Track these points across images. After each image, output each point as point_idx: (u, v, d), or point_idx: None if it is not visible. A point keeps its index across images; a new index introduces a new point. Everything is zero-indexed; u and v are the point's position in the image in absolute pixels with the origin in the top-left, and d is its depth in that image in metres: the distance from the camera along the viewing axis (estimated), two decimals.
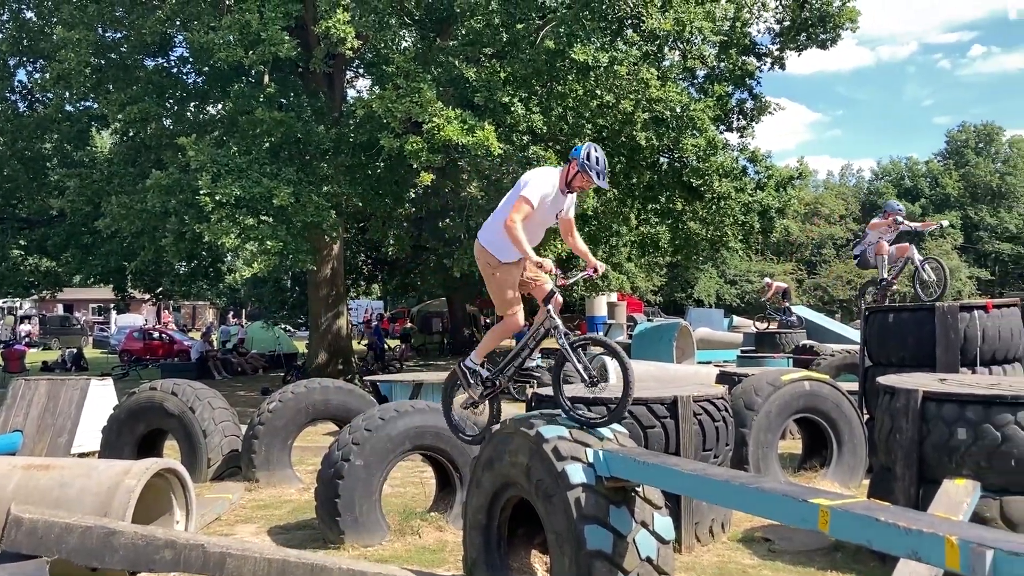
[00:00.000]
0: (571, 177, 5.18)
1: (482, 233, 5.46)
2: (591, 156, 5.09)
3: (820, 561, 6.15)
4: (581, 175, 5.13)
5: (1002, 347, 8.72)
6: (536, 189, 5.10)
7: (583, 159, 5.08)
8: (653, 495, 4.63)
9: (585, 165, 5.08)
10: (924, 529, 2.91)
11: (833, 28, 17.66)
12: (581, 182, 5.19)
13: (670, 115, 14.86)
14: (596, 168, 5.10)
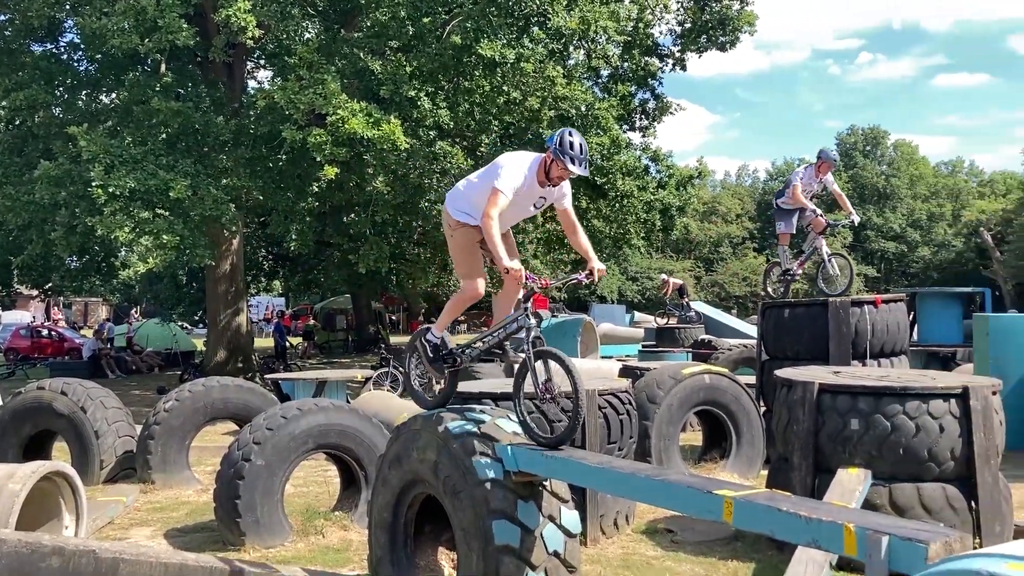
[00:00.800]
0: (548, 167, 4.80)
1: (448, 194, 5.24)
2: (564, 142, 4.66)
3: (721, 551, 6.29)
4: (556, 164, 4.72)
5: (890, 340, 9.12)
6: (509, 179, 4.77)
7: (555, 146, 4.68)
8: (560, 489, 4.65)
9: (558, 152, 4.67)
10: (823, 518, 2.99)
11: (732, 31, 18.16)
12: (559, 172, 4.77)
13: (575, 113, 15.02)
14: (571, 154, 4.67)
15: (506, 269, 4.57)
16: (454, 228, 5.09)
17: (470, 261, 5.12)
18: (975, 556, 2.38)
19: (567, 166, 4.67)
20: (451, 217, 5.08)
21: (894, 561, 2.72)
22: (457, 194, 5.15)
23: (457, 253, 5.18)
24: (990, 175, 73.83)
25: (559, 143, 4.67)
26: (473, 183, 5.07)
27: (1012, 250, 46.48)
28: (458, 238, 5.09)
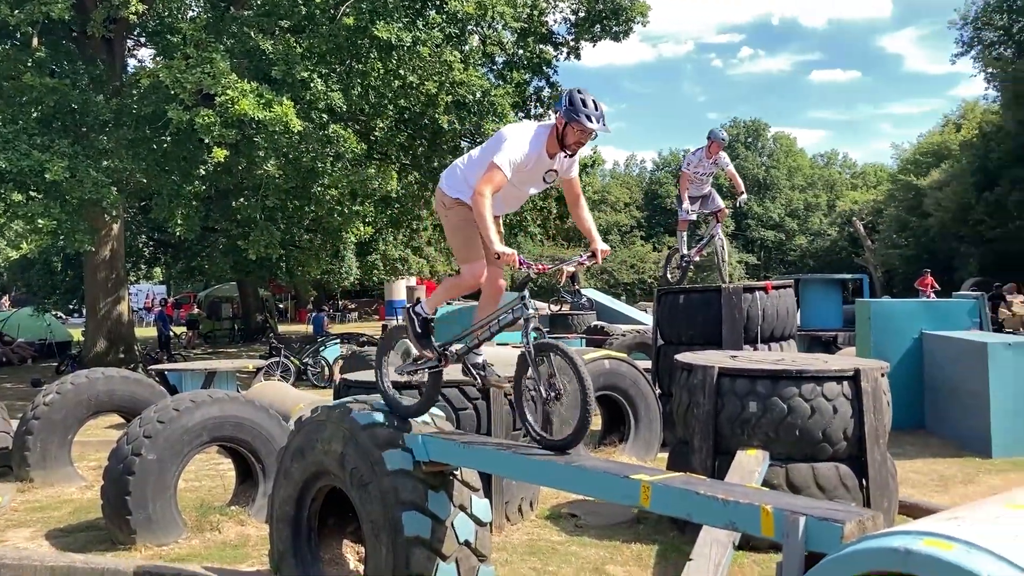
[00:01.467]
0: (561, 134, 4.28)
1: (444, 173, 4.81)
2: (575, 100, 4.15)
3: (624, 534, 6.38)
4: (572, 128, 4.19)
5: (779, 325, 9.43)
6: (509, 153, 4.25)
7: (566, 107, 4.16)
8: (471, 478, 4.60)
9: (571, 114, 4.14)
10: (740, 500, 3.03)
11: (625, 21, 18.36)
12: (576, 136, 4.24)
13: (472, 99, 14.92)
14: (586, 111, 4.14)
15: (497, 254, 4.11)
16: (449, 207, 4.63)
17: (469, 244, 4.59)
18: (891, 534, 2.44)
19: (585, 124, 4.15)
20: (445, 195, 4.64)
21: (810, 541, 2.77)
22: (454, 172, 4.70)
23: (453, 235, 4.71)
24: (862, 167, 77.38)
25: (569, 103, 4.16)
26: (472, 159, 4.63)
27: (882, 239, 48.85)
28: (453, 218, 4.63)
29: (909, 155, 54.64)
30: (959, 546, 2.21)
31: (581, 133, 4.21)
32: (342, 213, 17.23)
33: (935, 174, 44.19)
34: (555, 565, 5.67)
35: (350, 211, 17.00)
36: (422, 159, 16.62)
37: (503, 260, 4.12)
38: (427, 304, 4.84)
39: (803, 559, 2.75)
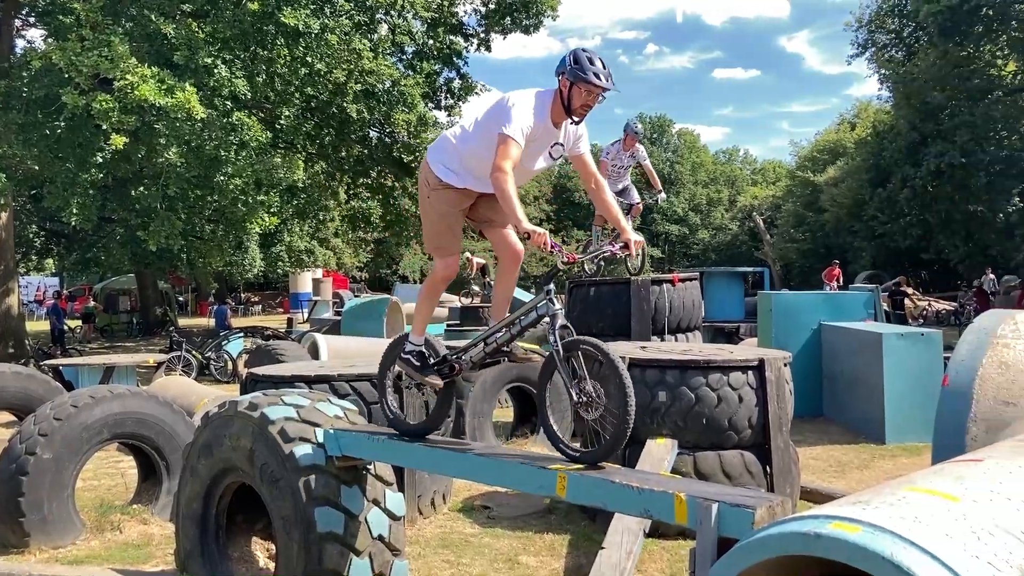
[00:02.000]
0: (568, 98, 3.83)
1: (432, 147, 4.32)
2: (580, 58, 3.76)
3: (536, 524, 6.41)
4: (579, 89, 3.78)
5: (686, 317, 9.65)
6: (521, 122, 3.78)
7: (571, 66, 3.75)
8: (385, 472, 4.55)
9: (577, 72, 3.73)
10: (655, 488, 3.08)
11: (535, 15, 18.46)
12: (584, 98, 3.82)
13: (381, 89, 14.77)
14: (593, 68, 3.74)
15: (527, 232, 3.63)
16: (433, 188, 4.15)
17: (449, 233, 4.21)
18: (800, 518, 2.51)
19: (594, 82, 3.74)
20: (433, 174, 4.15)
21: (723, 527, 2.83)
22: (444, 147, 4.20)
23: (433, 221, 4.24)
24: (762, 164, 79.70)
25: (574, 61, 3.76)
26: (466, 133, 4.11)
27: (780, 233, 50.50)
28: (436, 201, 4.16)
29: (806, 152, 56.59)
30: (864, 528, 2.29)
31: (588, 94, 3.81)
32: (246, 203, 16.83)
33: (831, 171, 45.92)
34: (468, 557, 5.67)
35: (254, 201, 16.62)
36: (329, 148, 16.38)
37: (533, 241, 3.63)
38: (414, 332, 4.42)
39: (716, 544, 2.81)
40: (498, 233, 4.26)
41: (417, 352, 4.33)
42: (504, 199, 3.72)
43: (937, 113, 28.72)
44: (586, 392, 3.58)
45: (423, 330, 4.42)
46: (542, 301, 3.84)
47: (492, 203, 4.14)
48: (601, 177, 4.22)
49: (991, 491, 2.70)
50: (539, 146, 3.97)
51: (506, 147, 3.73)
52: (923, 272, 42.30)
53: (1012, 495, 2.66)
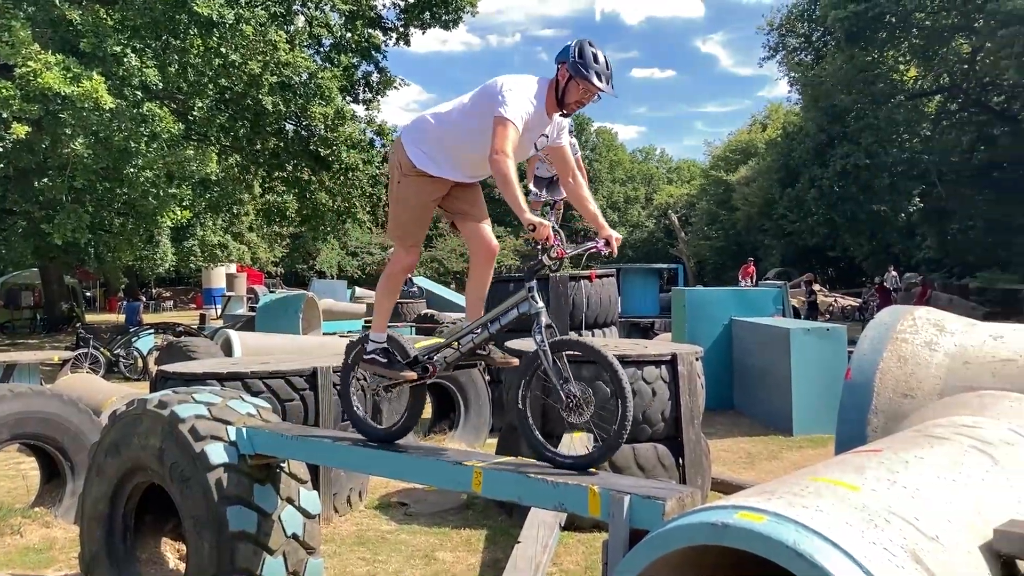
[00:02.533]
0: (562, 91, 3.64)
1: (406, 128, 4.01)
2: (585, 52, 3.56)
3: (453, 519, 6.43)
4: (576, 84, 3.59)
5: (603, 312, 9.78)
6: (518, 106, 3.56)
7: (574, 58, 3.55)
8: (299, 470, 4.50)
9: (578, 67, 3.54)
10: (569, 482, 3.12)
11: (455, 10, 18.42)
12: (579, 95, 3.63)
13: (298, 81, 14.54)
14: (595, 67, 3.55)
15: (531, 224, 3.37)
16: (405, 173, 3.87)
17: (416, 223, 3.96)
18: (708, 509, 2.58)
19: (593, 83, 3.55)
20: (407, 158, 3.85)
21: (635, 519, 2.89)
22: (422, 128, 3.89)
23: (401, 208, 3.95)
24: (677, 163, 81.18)
25: (578, 54, 3.56)
26: (449, 116, 3.84)
27: (694, 231, 51.60)
28: (407, 188, 3.88)
29: (719, 152, 57.88)
30: (769, 518, 2.37)
31: (585, 92, 3.62)
32: (157, 196, 16.36)
33: (743, 171, 47.11)
34: (384, 554, 5.65)
35: (166, 194, 16.18)
36: (244, 141, 16.04)
37: (538, 233, 3.38)
38: (375, 329, 4.15)
39: (628, 536, 2.86)
40: (472, 227, 4.04)
41: (381, 349, 4.05)
42: (506, 185, 3.47)
43: (843, 116, 29.71)
44: (573, 395, 3.40)
45: (384, 326, 4.15)
46: (523, 299, 3.62)
47: (468, 194, 4.00)
48: (576, 168, 4.03)
49: (888, 480, 2.82)
50: (530, 136, 3.73)
51: (505, 130, 3.50)
52: (830, 269, 43.78)
53: (907, 483, 2.79)
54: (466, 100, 3.81)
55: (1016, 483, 3.13)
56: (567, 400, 3.39)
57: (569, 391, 3.39)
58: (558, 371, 3.43)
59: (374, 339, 4.08)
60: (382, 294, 4.23)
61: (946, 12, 26.78)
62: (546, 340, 3.44)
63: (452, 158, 3.84)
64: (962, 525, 2.68)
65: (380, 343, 4.06)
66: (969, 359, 4.50)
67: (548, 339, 3.45)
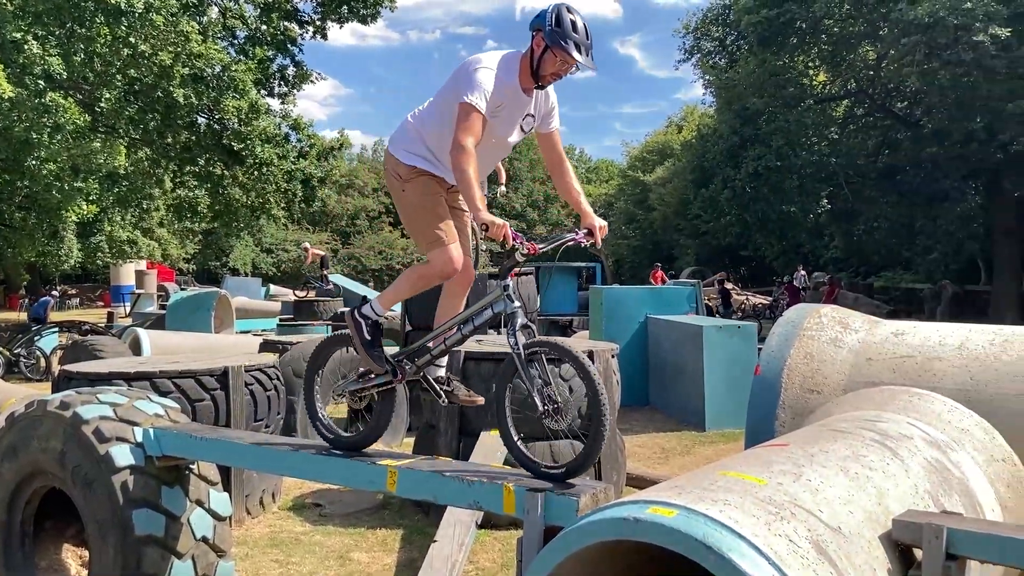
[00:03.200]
0: (537, 62, 3.38)
1: (393, 135, 3.78)
2: (563, 19, 3.30)
3: (369, 520, 6.37)
4: (553, 54, 3.33)
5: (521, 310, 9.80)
6: (482, 87, 3.29)
7: (551, 26, 3.28)
8: (209, 471, 4.39)
9: (555, 36, 3.28)
10: (484, 480, 3.13)
11: (373, 5, 18.23)
12: (556, 66, 3.38)
13: (211, 74, 14.19)
14: (574, 37, 3.30)
15: (485, 223, 3.16)
16: (405, 179, 3.61)
17: (437, 220, 3.58)
18: (621, 504, 2.62)
19: (571, 54, 3.30)
20: (399, 163, 3.61)
21: (549, 515, 2.91)
22: (406, 131, 3.67)
23: (416, 215, 3.63)
24: (596, 163, 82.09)
25: (555, 21, 3.29)
26: (426, 113, 3.64)
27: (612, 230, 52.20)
28: (413, 193, 3.61)
29: (637, 153, 58.73)
30: (680, 512, 2.41)
31: (562, 64, 3.38)
32: (61, 190, 15.77)
33: (659, 171, 47.91)
34: (298, 556, 5.56)
35: (71, 188, 15.60)
36: (154, 134, 15.56)
37: (492, 233, 3.17)
38: (380, 301, 3.79)
39: (542, 533, 2.88)
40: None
41: (373, 321, 3.71)
42: (462, 182, 3.25)
43: (755, 118, 30.45)
44: (552, 399, 3.21)
45: (389, 303, 3.82)
46: (498, 298, 3.39)
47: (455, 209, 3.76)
48: (564, 156, 3.75)
49: (794, 474, 2.91)
50: (511, 115, 3.48)
51: (467, 119, 3.24)
52: (743, 268, 44.89)
53: (812, 477, 2.87)
54: (441, 91, 3.58)
55: (914, 474, 3.26)
56: (547, 405, 3.20)
57: (548, 395, 3.20)
58: (537, 374, 3.23)
59: (374, 308, 3.75)
60: (407, 285, 3.78)
61: (853, 20, 27.70)
62: (519, 343, 3.22)
63: (437, 154, 3.59)
64: (863, 516, 2.77)
65: (377, 315, 3.75)
66: (872, 355, 4.66)
67: (525, 340, 3.23)
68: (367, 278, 53.21)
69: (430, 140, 3.57)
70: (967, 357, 4.40)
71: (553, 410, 3.20)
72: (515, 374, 3.29)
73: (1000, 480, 3.80)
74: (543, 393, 3.20)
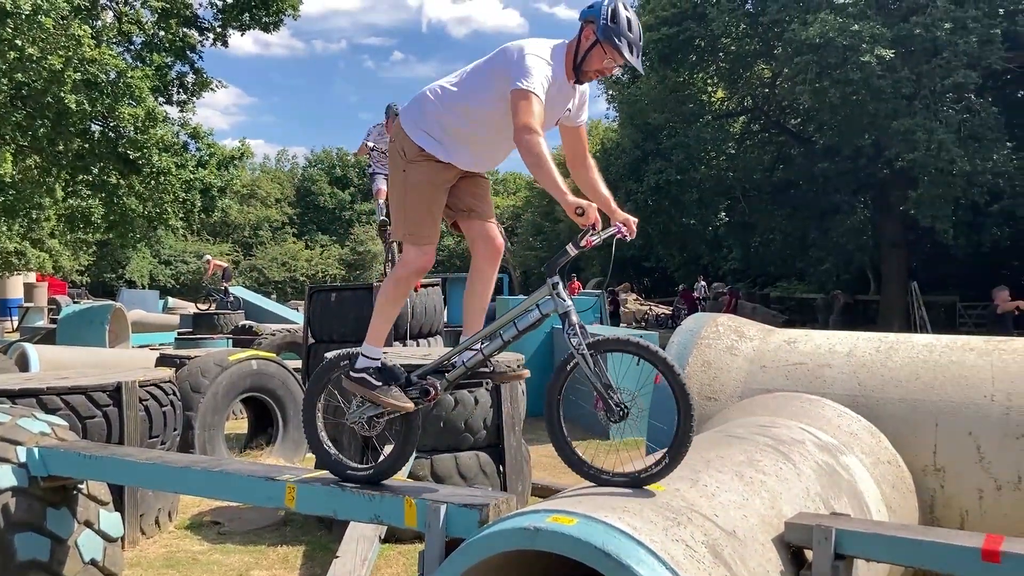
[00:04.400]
0: (583, 56, 3.16)
1: (406, 109, 3.44)
2: (619, 16, 3.08)
3: (270, 537, 6.22)
4: (601, 50, 3.11)
5: (427, 321, 9.76)
6: (540, 74, 3.05)
7: (606, 21, 3.06)
8: (99, 491, 4.23)
9: (610, 33, 3.06)
10: (385, 494, 3.10)
11: (276, 12, 17.91)
12: (601, 63, 3.15)
13: (105, 80, 13.69)
14: (629, 37, 3.08)
15: (578, 207, 2.91)
16: (411, 159, 3.33)
17: (428, 215, 3.35)
18: (522, 514, 2.63)
19: (623, 54, 3.09)
20: (411, 142, 3.32)
21: (451, 527, 2.90)
22: (422, 107, 3.36)
23: (409, 200, 3.35)
24: (503, 175, 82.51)
25: (611, 15, 3.07)
26: (455, 91, 3.31)
27: (520, 242, 52.65)
28: (414, 176, 3.32)
29: None
30: (580, 520, 2.44)
31: (609, 62, 3.16)
32: None
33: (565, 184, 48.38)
34: None
35: None
36: (44, 141, 14.88)
37: (586, 218, 2.91)
38: (370, 339, 3.40)
39: (444, 545, 2.87)
40: (480, 226, 3.53)
41: (376, 368, 3.31)
42: (540, 166, 2.97)
43: (657, 133, 31.17)
44: (618, 401, 2.99)
45: (383, 339, 3.44)
46: (545, 297, 3.13)
47: (476, 187, 3.52)
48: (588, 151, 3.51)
49: (691, 479, 2.97)
50: (554, 112, 3.26)
51: (529, 104, 2.99)
52: (646, 279, 45.80)
53: (708, 482, 2.94)
54: (475, 71, 3.31)
55: (806, 477, 3.38)
56: (613, 406, 2.98)
57: (612, 396, 2.99)
58: (598, 375, 2.99)
59: (367, 354, 3.35)
60: (387, 302, 3.50)
61: (749, 39, 28.67)
62: (583, 341, 2.97)
63: (460, 141, 3.33)
64: (757, 519, 2.85)
65: (375, 359, 3.35)
66: (766, 363, 4.81)
67: (584, 339, 2.98)
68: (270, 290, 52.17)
69: (448, 120, 3.29)
70: (855, 364, 4.58)
71: (622, 415, 3.00)
72: (568, 376, 3.09)
73: (886, 481, 3.97)
74: (608, 393, 2.98)
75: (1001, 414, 4.11)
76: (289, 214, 66.97)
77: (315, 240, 62.52)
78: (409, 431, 3.37)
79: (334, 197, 66.36)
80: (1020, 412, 4.08)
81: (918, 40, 22.20)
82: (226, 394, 8.09)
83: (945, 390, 4.27)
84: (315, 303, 9.80)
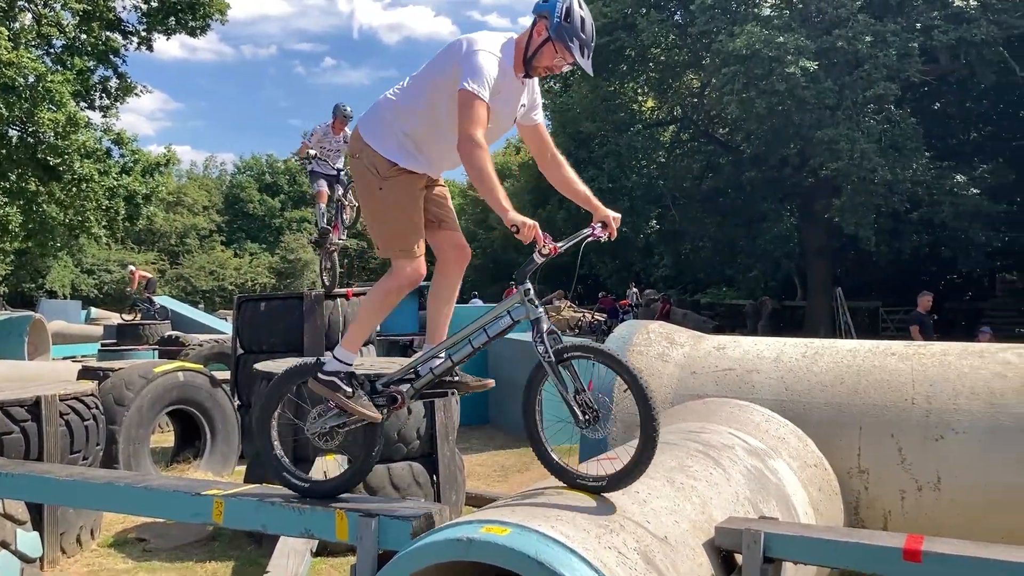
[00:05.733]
0: (534, 51, 3.07)
1: (363, 119, 3.27)
2: (574, 15, 2.99)
3: (198, 553, 6.07)
4: (553, 48, 3.04)
5: None
6: (486, 74, 2.93)
7: (559, 19, 2.98)
8: (16, 510, 4.07)
9: (563, 31, 2.99)
10: (315, 507, 3.05)
11: (202, 17, 17.62)
12: (551, 61, 3.08)
13: (23, 83, 13.27)
14: (582, 38, 3.00)
15: (515, 225, 2.85)
16: (384, 175, 3.16)
17: (413, 228, 3.21)
18: (455, 525, 2.61)
19: (574, 55, 3.02)
20: (377, 155, 3.16)
21: (383, 540, 2.87)
22: (381, 115, 3.22)
23: (389, 215, 3.21)
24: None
25: (565, 15, 2.99)
26: (407, 94, 3.19)
27: None
28: (393, 192, 3.17)
29: None
30: (513, 529, 2.43)
31: (560, 60, 3.08)
32: None
33: None
34: None
35: None
36: None
37: (523, 234, 2.87)
38: (347, 344, 3.30)
39: (375, 558, 2.83)
40: (449, 235, 3.45)
41: (347, 374, 3.20)
42: (482, 180, 2.89)
43: (589, 142, 31.49)
44: (590, 407, 2.92)
45: (359, 345, 3.34)
46: (517, 303, 3.06)
47: (438, 196, 3.41)
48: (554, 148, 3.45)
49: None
50: (508, 110, 3.16)
51: (472, 109, 2.88)
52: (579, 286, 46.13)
53: (640, 488, 2.96)
54: (427, 68, 3.19)
55: (735, 482, 3.43)
56: (585, 414, 2.92)
57: (583, 401, 2.92)
58: (567, 382, 2.93)
59: (341, 358, 3.24)
60: (372, 312, 3.40)
61: (678, 49, 29.19)
62: (550, 349, 2.93)
63: (425, 145, 3.21)
64: (688, 525, 2.88)
65: (347, 364, 3.24)
66: (696, 369, 4.88)
67: (552, 347, 2.93)
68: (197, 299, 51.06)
69: (409, 125, 3.16)
70: (782, 369, 4.68)
71: (592, 418, 2.92)
72: (543, 381, 3.05)
73: (812, 484, 4.05)
74: (579, 401, 2.93)
75: (921, 416, 4.23)
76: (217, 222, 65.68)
77: (244, 248, 61.46)
78: (373, 441, 3.29)
79: (264, 204, 65.33)
80: (939, 414, 4.21)
81: (841, 52, 22.87)
82: (151, 407, 7.88)
83: (868, 394, 4.39)
84: (244, 313, 9.64)
